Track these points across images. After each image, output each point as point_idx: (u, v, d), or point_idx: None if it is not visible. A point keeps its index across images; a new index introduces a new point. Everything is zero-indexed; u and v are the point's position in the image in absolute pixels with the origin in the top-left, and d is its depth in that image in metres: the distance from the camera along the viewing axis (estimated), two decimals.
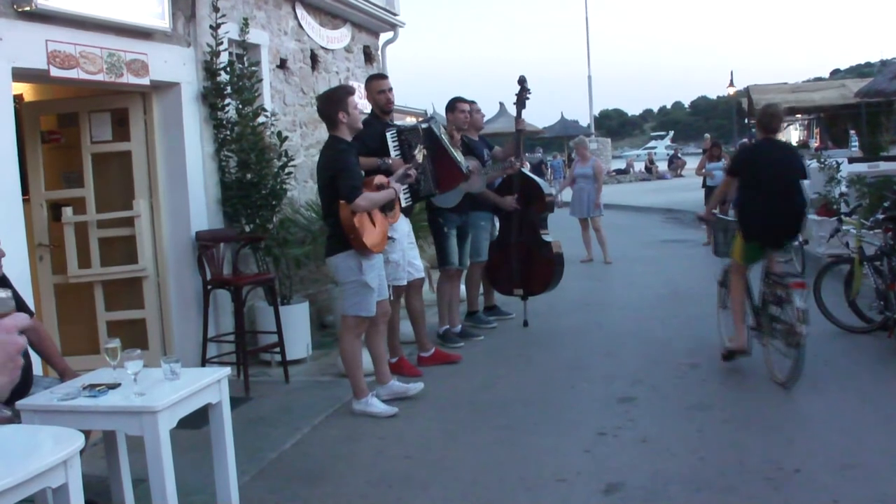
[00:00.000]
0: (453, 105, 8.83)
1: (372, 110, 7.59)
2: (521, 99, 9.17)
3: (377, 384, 6.85)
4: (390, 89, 7.56)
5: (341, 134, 6.36)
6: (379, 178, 6.59)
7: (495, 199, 9.10)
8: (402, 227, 7.29)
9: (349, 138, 6.40)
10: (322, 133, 10.07)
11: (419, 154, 7.00)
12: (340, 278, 6.49)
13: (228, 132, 8.01)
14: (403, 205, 7.15)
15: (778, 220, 6.89)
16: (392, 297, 7.34)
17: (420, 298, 7.99)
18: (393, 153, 7.19)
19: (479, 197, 8.79)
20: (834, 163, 13.45)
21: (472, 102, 9.16)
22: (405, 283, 7.43)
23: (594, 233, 14.74)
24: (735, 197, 7.39)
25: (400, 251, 7.23)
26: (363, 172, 6.60)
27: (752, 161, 7.16)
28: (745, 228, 7.02)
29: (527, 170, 9.27)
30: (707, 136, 31.70)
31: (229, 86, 7.94)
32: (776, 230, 6.96)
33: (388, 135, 7.22)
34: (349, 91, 6.56)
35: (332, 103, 6.38)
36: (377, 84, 7.61)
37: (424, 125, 7.87)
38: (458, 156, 7.91)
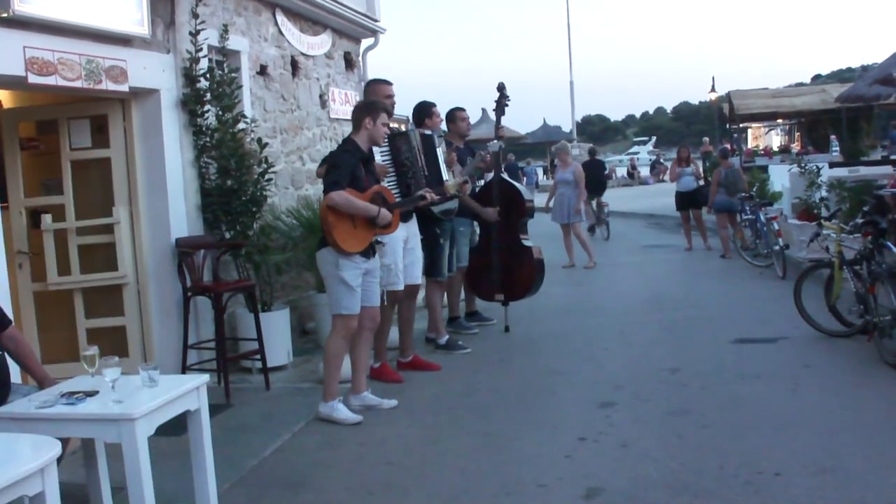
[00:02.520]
0: (430, 112, 8.76)
1: None
2: (501, 106, 9.23)
3: (350, 392, 6.83)
4: (393, 95, 7.70)
5: (359, 139, 6.52)
6: (383, 189, 6.66)
7: (476, 208, 9.08)
8: (396, 233, 7.23)
9: (364, 147, 6.54)
10: (302, 140, 10.12)
11: (453, 186, 7.15)
12: (323, 272, 6.57)
13: (208, 139, 7.98)
14: None
15: (594, 186, 18.07)
16: (386, 303, 7.36)
17: (412, 305, 7.99)
18: (379, 158, 7.19)
19: (460, 203, 8.79)
20: (814, 167, 13.55)
21: (461, 109, 9.23)
22: (401, 287, 7.41)
23: (576, 238, 14.76)
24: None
25: (391, 255, 7.21)
26: (374, 180, 6.68)
27: (586, 166, 17.62)
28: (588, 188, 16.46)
29: (495, 148, 9.17)
30: (706, 139, 31.75)
31: (209, 92, 7.92)
32: (593, 189, 18.01)
33: None
34: (386, 109, 6.77)
35: (365, 110, 6.60)
36: (386, 88, 7.73)
37: (428, 132, 7.97)
38: (447, 176, 7.90)
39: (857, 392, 6.59)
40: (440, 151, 7.94)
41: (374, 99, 7.28)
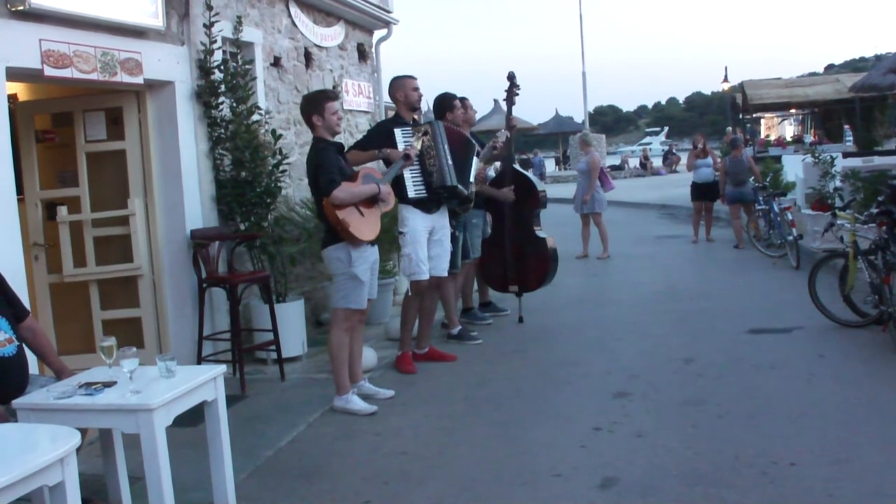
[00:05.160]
0: (452, 104, 8.58)
1: (396, 112, 7.64)
2: (511, 95, 9.16)
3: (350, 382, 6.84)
4: (418, 88, 7.62)
5: (321, 134, 6.47)
6: (365, 170, 6.64)
7: (492, 192, 9.06)
8: (417, 223, 7.33)
9: (330, 139, 6.50)
10: None
11: (417, 141, 7.00)
12: (332, 270, 6.58)
13: (223, 130, 8.00)
14: (413, 195, 7.23)
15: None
16: (410, 293, 7.40)
17: (435, 297, 8.02)
18: (402, 147, 7.18)
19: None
20: (828, 157, 13.49)
21: (463, 99, 9.15)
22: (426, 277, 7.43)
23: (595, 229, 14.68)
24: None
25: (412, 244, 7.25)
26: (352, 167, 6.64)
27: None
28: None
29: (503, 138, 8.98)
30: (728, 129, 31.57)
31: (223, 84, 7.94)
32: None
33: (400, 132, 7.24)
34: (330, 97, 6.65)
35: (310, 106, 6.52)
36: (412, 82, 7.60)
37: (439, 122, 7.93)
38: (475, 168, 7.87)
39: (872, 382, 6.57)
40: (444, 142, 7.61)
41: (317, 92, 7.27)
